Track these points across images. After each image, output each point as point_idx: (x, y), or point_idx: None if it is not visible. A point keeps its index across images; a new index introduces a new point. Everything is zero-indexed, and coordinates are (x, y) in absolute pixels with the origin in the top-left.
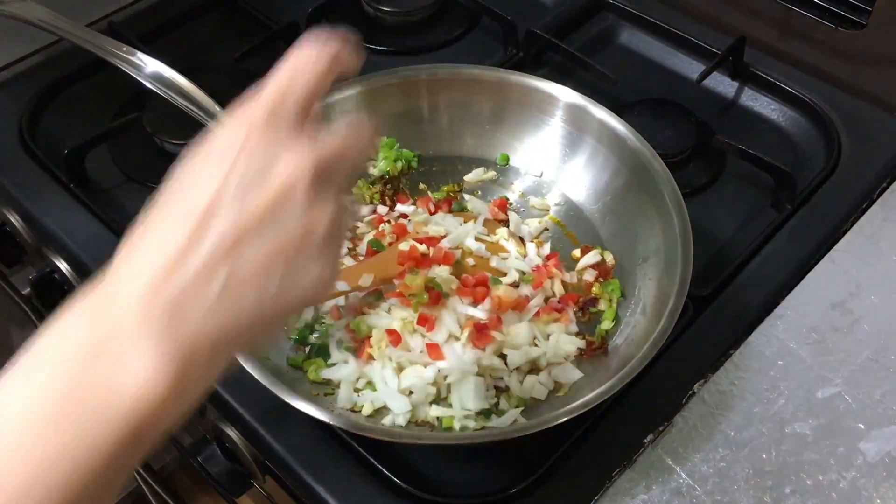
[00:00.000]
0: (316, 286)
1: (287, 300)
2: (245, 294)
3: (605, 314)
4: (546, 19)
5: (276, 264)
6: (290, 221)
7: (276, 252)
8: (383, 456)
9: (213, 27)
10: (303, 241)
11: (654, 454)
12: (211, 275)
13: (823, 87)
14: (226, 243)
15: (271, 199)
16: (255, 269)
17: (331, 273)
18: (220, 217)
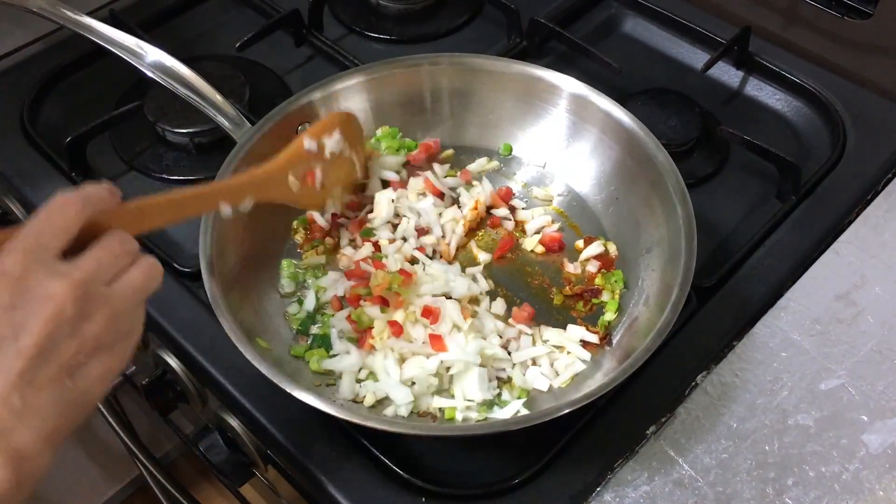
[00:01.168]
0: (105, 380)
1: (87, 395)
2: (47, 406)
3: (608, 305)
4: (549, 8)
5: (64, 377)
6: (64, 342)
7: (61, 368)
8: (385, 446)
9: (214, 15)
10: (80, 352)
11: (656, 445)
12: (10, 401)
13: (829, 76)
14: (13, 376)
15: (41, 331)
16: (49, 387)
17: (119, 364)
18: (4, 356)
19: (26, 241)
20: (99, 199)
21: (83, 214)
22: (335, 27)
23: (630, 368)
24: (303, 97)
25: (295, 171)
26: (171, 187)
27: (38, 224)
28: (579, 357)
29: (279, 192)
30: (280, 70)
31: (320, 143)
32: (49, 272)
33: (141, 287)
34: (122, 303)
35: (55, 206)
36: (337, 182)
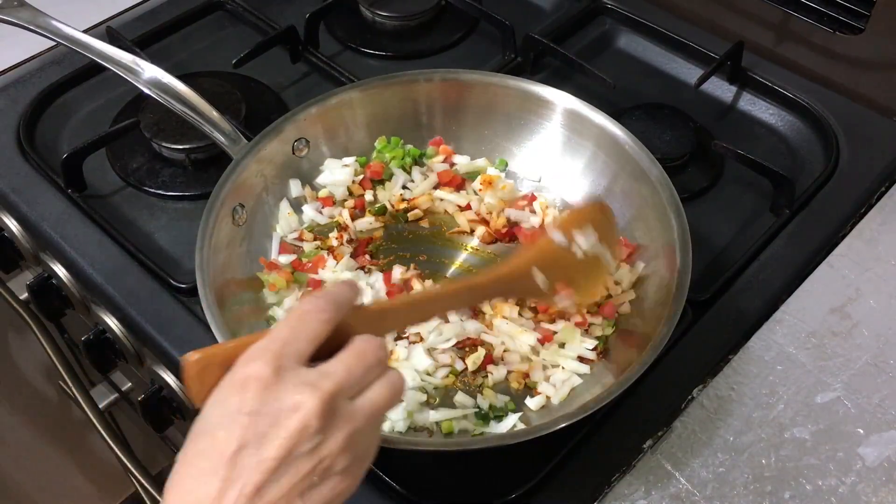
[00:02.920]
0: (338, 501)
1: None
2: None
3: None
4: (544, 24)
5: (295, 497)
6: (302, 460)
7: (294, 486)
8: (382, 461)
9: (210, 32)
10: (317, 470)
11: (653, 459)
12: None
13: (821, 91)
14: (252, 488)
15: (285, 444)
16: (280, 502)
17: (350, 489)
18: (241, 467)
19: (276, 346)
20: (348, 301)
21: (332, 322)
22: (331, 44)
23: (626, 382)
24: (299, 113)
25: (542, 264)
26: (168, 203)
27: (289, 329)
28: (576, 372)
29: (526, 289)
30: (276, 86)
31: (570, 236)
32: (298, 381)
33: (384, 406)
34: (364, 422)
35: (306, 311)
36: (585, 281)
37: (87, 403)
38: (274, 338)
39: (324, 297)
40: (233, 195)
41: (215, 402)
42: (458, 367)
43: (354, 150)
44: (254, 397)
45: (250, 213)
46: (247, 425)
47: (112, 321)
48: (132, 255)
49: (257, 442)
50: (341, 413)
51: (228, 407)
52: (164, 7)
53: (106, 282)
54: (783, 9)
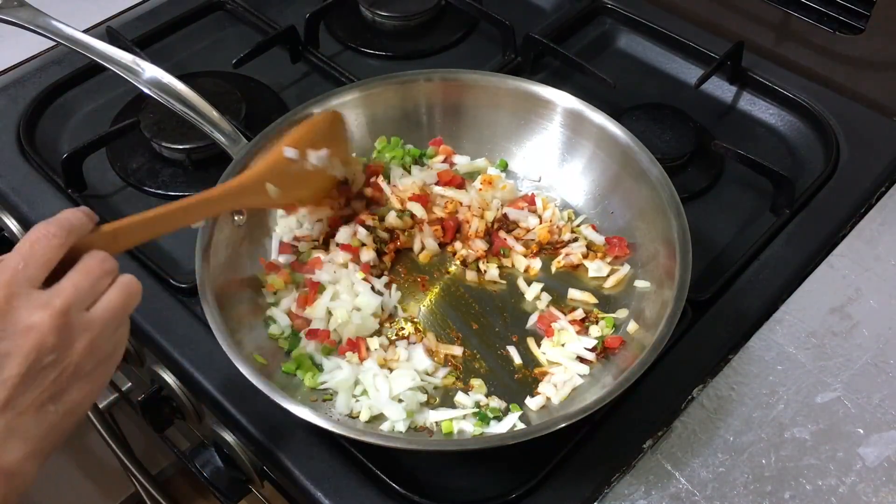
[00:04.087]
0: (85, 402)
1: (70, 417)
2: (30, 429)
3: (605, 320)
4: (544, 24)
5: (47, 402)
6: (45, 371)
7: (43, 394)
8: (381, 461)
9: (211, 32)
10: (61, 379)
11: (653, 459)
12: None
13: (822, 91)
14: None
15: (24, 361)
16: (33, 412)
17: (99, 386)
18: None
19: (7, 274)
20: (80, 225)
21: (66, 246)
22: (331, 44)
23: (626, 382)
24: (299, 113)
25: (275, 178)
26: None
27: (21, 256)
28: (577, 372)
29: (258, 199)
30: (276, 86)
31: (303, 152)
32: (30, 303)
33: (120, 307)
34: (103, 327)
35: (37, 237)
36: (313, 187)
37: None
38: (3, 267)
39: (55, 222)
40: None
41: None
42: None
43: (354, 150)
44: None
45: (250, 213)
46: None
47: None
48: (132, 255)
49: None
50: (78, 324)
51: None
52: (164, 7)
53: None
54: (783, 9)
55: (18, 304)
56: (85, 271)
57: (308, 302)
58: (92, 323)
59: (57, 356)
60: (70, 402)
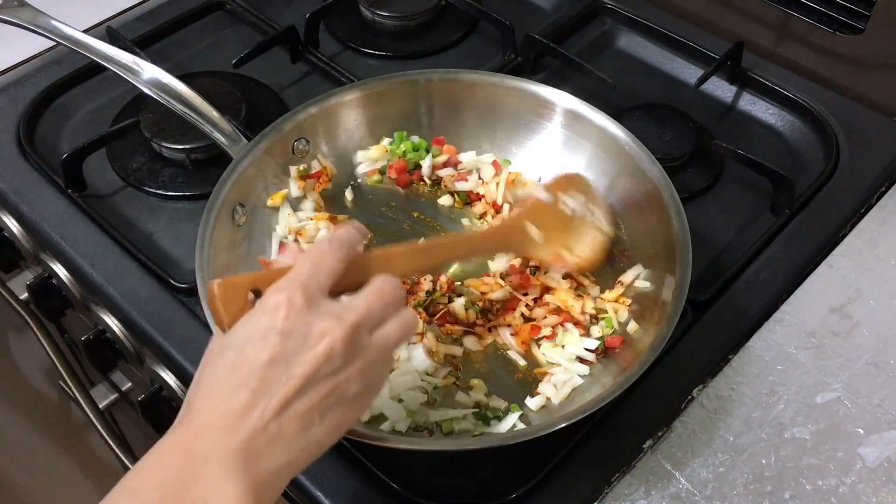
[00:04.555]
0: (343, 427)
1: (327, 437)
2: (295, 438)
3: (605, 320)
4: (544, 24)
5: (315, 414)
6: (324, 381)
7: (315, 405)
8: (382, 461)
9: (210, 32)
10: (334, 392)
11: (653, 459)
12: (268, 426)
13: (822, 91)
14: (279, 401)
15: (311, 365)
16: (301, 420)
17: (358, 415)
18: (271, 380)
19: (303, 278)
20: (355, 241)
21: (347, 259)
22: (331, 44)
23: (626, 382)
24: (299, 113)
25: (534, 219)
26: (168, 203)
27: (311, 264)
28: (577, 372)
29: (522, 243)
30: (276, 86)
31: (556, 196)
32: (326, 311)
33: (399, 339)
34: (379, 354)
35: (323, 250)
36: (578, 239)
37: (87, 403)
38: (300, 272)
39: (335, 238)
40: (233, 195)
41: (245, 321)
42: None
43: (354, 150)
44: (285, 318)
45: (250, 213)
46: (277, 343)
47: (112, 321)
48: (132, 255)
49: (287, 360)
50: (360, 344)
51: (259, 325)
52: (164, 7)
53: (106, 282)
54: (783, 9)
55: (315, 308)
56: (379, 294)
57: None
58: (372, 346)
59: (337, 369)
60: (331, 422)
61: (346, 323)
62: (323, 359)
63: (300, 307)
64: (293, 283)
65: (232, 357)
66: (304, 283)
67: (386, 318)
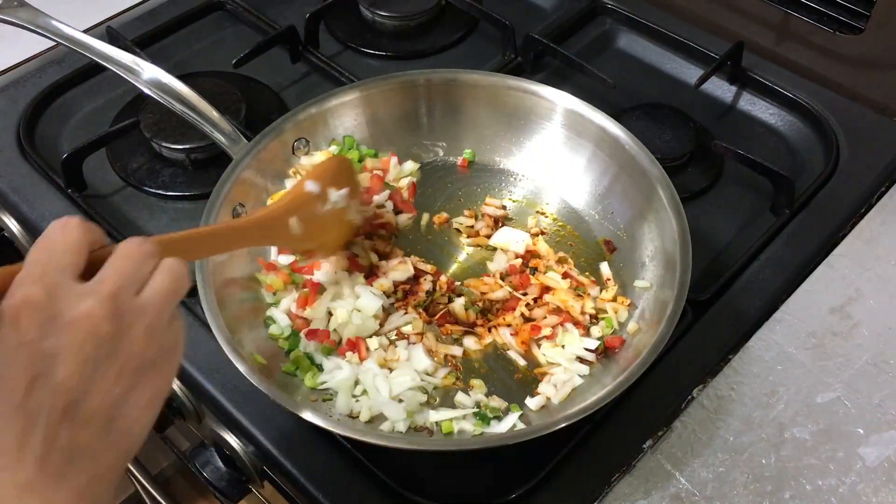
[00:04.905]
0: (154, 403)
1: (142, 417)
2: (98, 440)
3: (605, 320)
4: (544, 24)
5: (108, 406)
6: (104, 366)
7: (104, 396)
8: (382, 461)
9: (210, 32)
10: (123, 373)
11: (653, 459)
12: (56, 445)
13: (822, 91)
14: (53, 417)
15: (77, 358)
16: (96, 418)
17: (167, 383)
18: (38, 399)
19: (39, 267)
20: (94, 228)
21: (87, 233)
22: (331, 44)
23: (626, 382)
24: (299, 113)
25: (298, 213)
26: (168, 203)
27: (45, 248)
28: (577, 372)
29: (282, 235)
30: (276, 86)
31: (324, 188)
32: (73, 293)
33: (172, 290)
34: (157, 312)
35: (56, 227)
36: (334, 230)
37: None
38: (34, 261)
39: (69, 217)
40: (233, 195)
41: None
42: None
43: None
44: (29, 323)
45: (250, 212)
46: (31, 354)
47: None
48: None
49: (47, 367)
50: (130, 310)
51: (8, 344)
52: (164, 7)
53: None
54: (783, 9)
55: (60, 296)
56: (125, 255)
57: (308, 302)
58: (145, 308)
59: (114, 346)
60: (137, 405)
61: (100, 295)
62: (90, 344)
63: (42, 302)
64: (28, 279)
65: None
66: (39, 274)
67: (146, 274)
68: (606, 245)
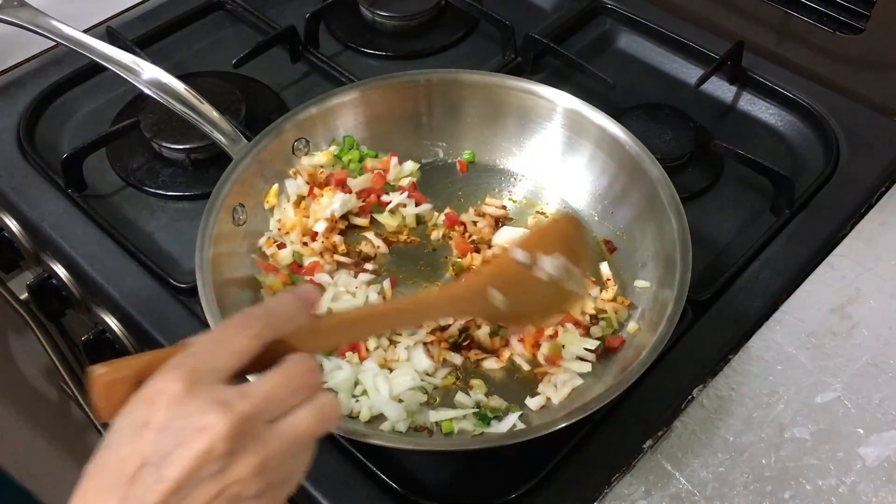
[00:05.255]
0: None
1: None
2: None
3: (605, 320)
4: (544, 24)
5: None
6: (205, 484)
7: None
8: (382, 461)
9: (210, 32)
10: (223, 495)
11: (653, 459)
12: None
13: (822, 91)
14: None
15: (186, 465)
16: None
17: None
18: (140, 485)
19: (192, 361)
20: (287, 319)
21: (262, 339)
22: (331, 44)
23: (626, 382)
24: (299, 113)
25: (500, 284)
26: (168, 203)
27: (210, 343)
28: (577, 372)
29: (480, 308)
30: (276, 86)
31: (534, 257)
32: (211, 399)
33: (308, 432)
34: (282, 448)
35: (233, 324)
36: (547, 304)
37: (88, 403)
38: (192, 352)
39: (256, 311)
40: (233, 195)
41: (124, 415)
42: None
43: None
44: (161, 412)
45: (250, 213)
46: (151, 441)
47: (112, 321)
48: (132, 255)
49: (159, 461)
50: (256, 436)
51: (135, 421)
52: (164, 7)
53: (106, 282)
54: (783, 9)
55: (197, 397)
56: (286, 377)
57: None
58: (272, 439)
59: (221, 468)
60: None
61: (234, 414)
62: (201, 457)
63: (179, 396)
64: (179, 368)
65: (106, 458)
66: (191, 367)
67: (294, 404)
68: (606, 245)
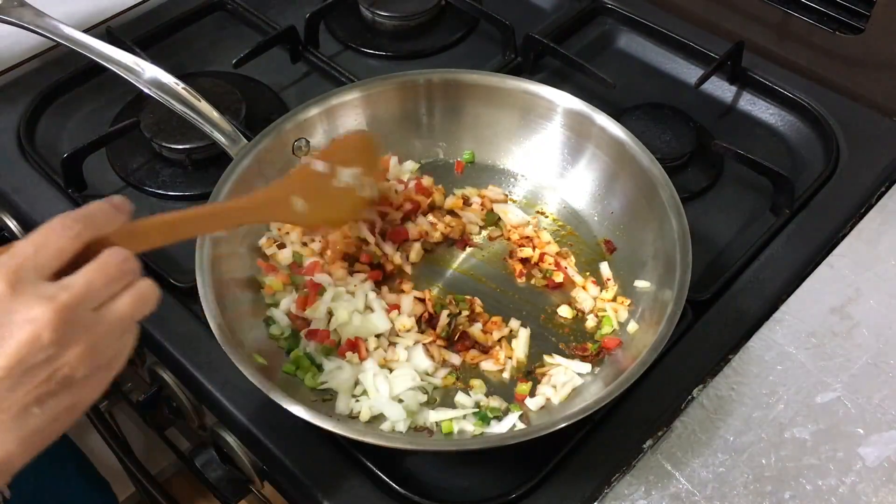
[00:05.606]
0: (74, 411)
1: (53, 425)
2: (7, 432)
3: (605, 320)
4: (544, 24)
5: (28, 404)
6: (36, 370)
7: (27, 396)
8: (381, 461)
9: (211, 32)
10: (51, 381)
11: (653, 459)
12: None
13: (822, 91)
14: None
15: (14, 356)
16: (11, 412)
17: (91, 396)
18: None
19: (15, 260)
20: (103, 220)
21: (82, 238)
22: (331, 44)
23: (626, 382)
24: (299, 113)
25: (302, 192)
26: (168, 203)
27: (33, 243)
28: (577, 372)
29: (283, 214)
30: (276, 86)
31: (332, 167)
32: (35, 294)
33: (129, 315)
34: (106, 331)
35: (53, 226)
36: (343, 206)
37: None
38: (13, 253)
39: (75, 213)
40: (233, 195)
41: None
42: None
43: None
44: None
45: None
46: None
47: None
48: None
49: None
50: (81, 323)
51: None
52: (164, 7)
53: None
54: (783, 9)
55: (23, 293)
56: (102, 268)
57: (308, 303)
58: (96, 324)
59: (50, 355)
60: (57, 409)
61: (56, 304)
62: (27, 346)
63: (3, 295)
64: (2, 268)
65: None
66: (13, 266)
67: (114, 292)
68: (606, 245)
